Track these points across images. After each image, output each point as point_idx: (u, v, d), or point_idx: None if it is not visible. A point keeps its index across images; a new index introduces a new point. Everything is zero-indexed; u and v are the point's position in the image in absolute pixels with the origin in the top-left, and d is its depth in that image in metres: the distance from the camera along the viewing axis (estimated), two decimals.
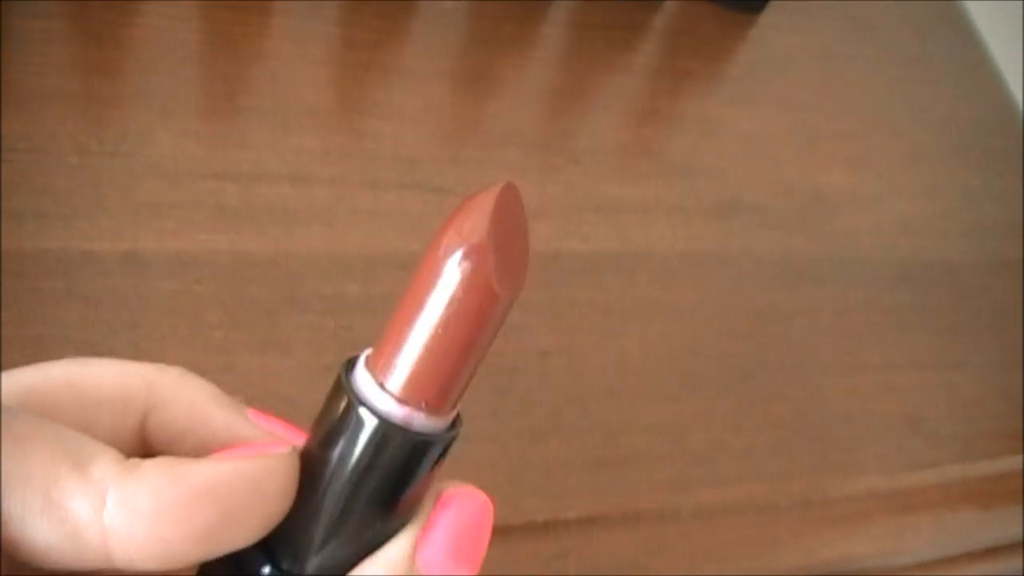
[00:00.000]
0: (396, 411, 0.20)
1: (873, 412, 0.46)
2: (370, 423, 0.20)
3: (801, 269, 0.47)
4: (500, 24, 0.48)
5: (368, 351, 0.22)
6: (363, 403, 0.21)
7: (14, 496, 0.18)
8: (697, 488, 0.40)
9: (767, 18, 0.55)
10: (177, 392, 0.23)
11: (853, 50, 0.58)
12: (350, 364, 0.22)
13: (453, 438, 0.21)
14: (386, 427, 0.20)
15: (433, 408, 0.21)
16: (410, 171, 0.42)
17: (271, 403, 0.35)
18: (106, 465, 0.19)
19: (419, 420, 0.21)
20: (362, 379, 0.21)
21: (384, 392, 0.20)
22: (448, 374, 0.20)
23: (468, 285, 0.20)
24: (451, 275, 0.20)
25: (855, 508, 0.43)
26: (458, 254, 0.20)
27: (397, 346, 0.21)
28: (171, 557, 0.19)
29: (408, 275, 0.36)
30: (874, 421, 0.45)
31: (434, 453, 0.21)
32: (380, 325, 0.21)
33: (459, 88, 0.46)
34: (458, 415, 0.22)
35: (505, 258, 0.20)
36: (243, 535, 0.20)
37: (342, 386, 0.21)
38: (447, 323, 0.20)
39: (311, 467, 0.21)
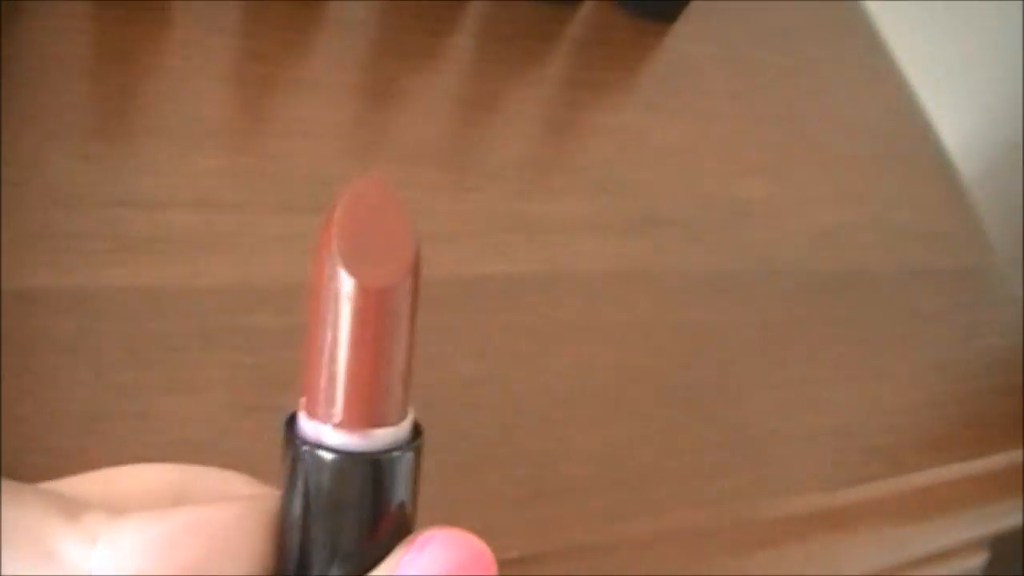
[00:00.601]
0: (344, 440, 0.20)
1: (803, 427, 0.45)
2: (324, 461, 0.20)
3: (725, 284, 0.46)
4: (409, 34, 0.46)
5: (303, 399, 0.21)
6: (310, 444, 0.20)
7: (11, 544, 0.19)
8: (634, 517, 0.39)
9: (680, 27, 0.54)
10: (209, 492, 0.24)
11: (764, 57, 0.57)
12: (291, 418, 0.21)
13: (416, 447, 0.21)
14: (341, 459, 0.20)
15: (378, 422, 0.20)
16: (323, 193, 0.39)
17: (188, 450, 0.32)
18: (96, 514, 0.20)
19: (371, 440, 0.20)
20: (304, 425, 0.21)
21: (327, 427, 0.20)
22: (372, 383, 0.20)
23: (331, 283, 0.20)
24: (323, 280, 0.20)
25: (792, 527, 0.42)
26: (320, 257, 0.20)
27: (315, 376, 0.20)
28: None
29: None
30: (805, 437, 0.45)
31: (399, 467, 0.21)
32: (296, 362, 0.21)
33: (369, 102, 0.44)
34: (417, 424, 0.21)
35: (366, 246, 0.20)
36: (230, 571, 0.20)
37: (289, 439, 0.21)
38: (341, 331, 0.20)
39: (289, 511, 0.21)
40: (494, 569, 0.20)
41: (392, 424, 0.20)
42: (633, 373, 0.42)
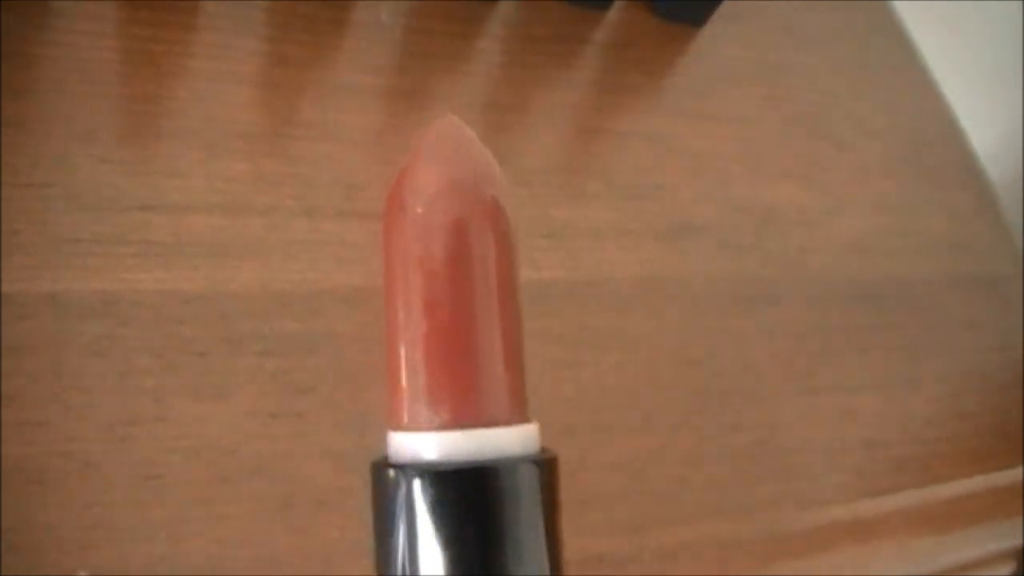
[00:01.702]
0: (452, 443, 0.16)
1: (832, 437, 0.44)
2: (432, 476, 0.16)
3: (756, 291, 0.46)
4: (436, 38, 0.46)
5: (390, 416, 0.18)
6: (408, 465, 0.16)
7: None
8: (658, 527, 0.38)
9: (709, 30, 0.53)
10: None
11: (793, 61, 0.57)
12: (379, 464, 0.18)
13: (548, 458, 0.17)
14: (456, 471, 0.16)
15: (489, 419, 0.17)
16: (349, 197, 0.39)
17: (211, 455, 0.32)
18: None
19: (486, 439, 0.17)
20: (399, 442, 0.17)
21: (427, 435, 0.17)
22: (475, 360, 0.17)
23: (409, 235, 0.17)
24: (399, 240, 0.17)
25: (818, 539, 0.42)
26: (394, 217, 0.17)
27: (409, 369, 0.17)
28: None
29: (351, 310, 0.33)
30: (833, 447, 0.44)
31: (528, 478, 0.17)
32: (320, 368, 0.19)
33: (396, 106, 0.43)
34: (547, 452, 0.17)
35: (445, 191, 0.17)
36: None
37: (380, 473, 0.17)
38: (421, 300, 0.16)
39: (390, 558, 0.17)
40: None
41: (505, 423, 0.17)
42: (660, 381, 0.41)
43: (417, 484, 0.16)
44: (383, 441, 0.20)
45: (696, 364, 0.42)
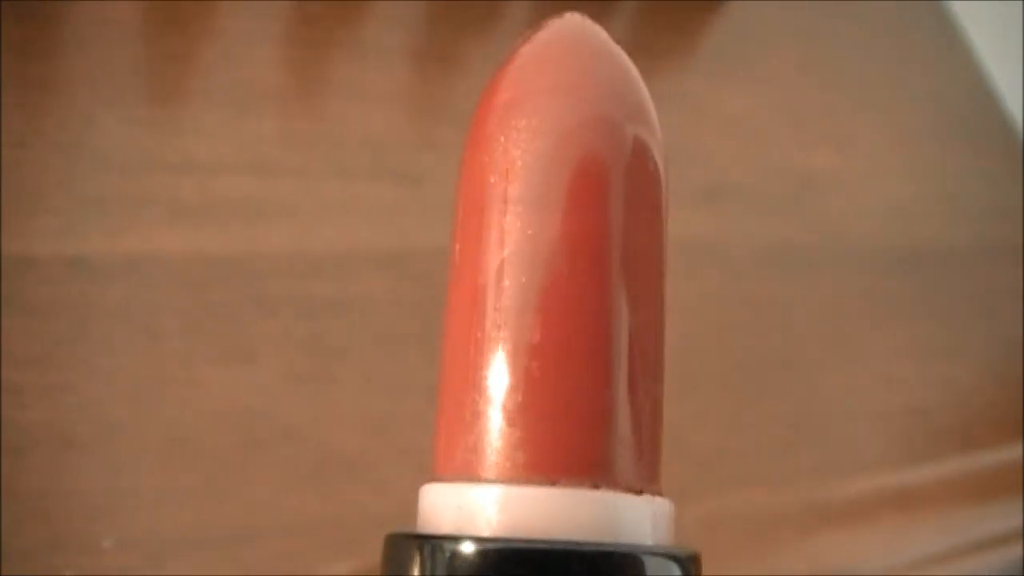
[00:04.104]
0: (542, 505, 0.11)
1: (873, 405, 0.43)
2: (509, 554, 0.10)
3: (795, 256, 0.45)
4: None
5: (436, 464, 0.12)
6: (458, 540, 0.11)
7: None
8: (699, 495, 0.37)
9: None
10: None
11: (830, 25, 0.55)
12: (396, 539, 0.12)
13: (691, 557, 0.11)
14: (536, 553, 0.10)
15: (614, 477, 0.11)
16: (379, 157, 0.38)
17: (240, 419, 0.32)
18: None
19: (599, 507, 0.11)
20: (442, 499, 0.11)
21: (497, 489, 0.11)
22: (591, 381, 0.11)
23: (499, 174, 0.11)
24: (486, 180, 0.11)
25: (860, 508, 0.41)
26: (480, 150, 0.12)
27: (476, 386, 0.11)
28: None
29: (383, 272, 0.32)
30: (874, 415, 0.43)
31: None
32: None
33: (426, 66, 0.42)
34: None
35: (560, 112, 0.12)
36: None
37: (404, 543, 0.12)
38: (520, 267, 0.11)
39: None
40: None
41: (627, 488, 0.11)
42: (698, 347, 0.40)
43: (469, 567, 0.11)
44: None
45: (734, 329, 0.41)
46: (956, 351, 0.47)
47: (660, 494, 0.12)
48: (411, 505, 0.17)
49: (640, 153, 0.12)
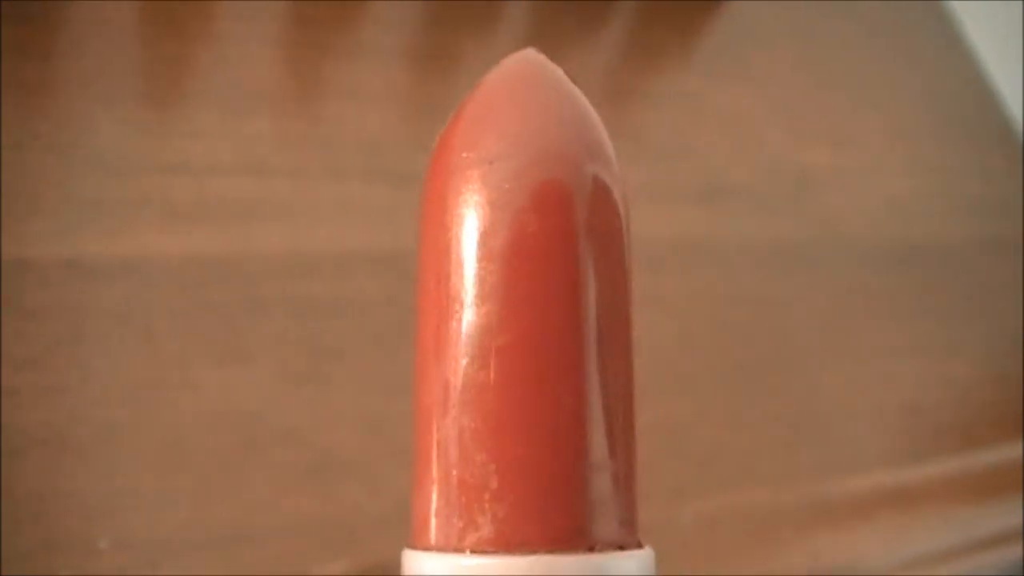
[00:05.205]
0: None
1: (872, 403, 0.43)
2: None
3: (792, 253, 0.45)
4: None
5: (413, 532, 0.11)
6: None
7: None
8: (697, 493, 0.37)
9: None
10: None
11: (829, 25, 0.55)
12: None
13: None
14: None
15: (595, 536, 0.10)
16: (375, 158, 0.38)
17: (236, 420, 0.32)
18: None
19: (585, 569, 0.10)
20: (425, 569, 0.11)
21: (463, 559, 0.10)
22: (566, 435, 0.11)
23: (463, 225, 0.10)
24: (446, 230, 0.10)
25: (859, 506, 0.41)
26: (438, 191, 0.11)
27: (444, 451, 0.11)
28: None
29: (379, 273, 0.32)
30: (873, 413, 0.43)
31: None
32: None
33: (421, 67, 0.42)
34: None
35: (519, 159, 0.11)
36: None
37: None
38: (501, 322, 0.10)
39: None
40: None
41: (611, 545, 0.11)
42: (695, 345, 0.40)
43: None
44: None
45: (732, 327, 0.41)
46: (955, 348, 0.47)
47: (640, 546, 0.12)
48: (406, 505, 0.18)
49: (603, 199, 0.11)
